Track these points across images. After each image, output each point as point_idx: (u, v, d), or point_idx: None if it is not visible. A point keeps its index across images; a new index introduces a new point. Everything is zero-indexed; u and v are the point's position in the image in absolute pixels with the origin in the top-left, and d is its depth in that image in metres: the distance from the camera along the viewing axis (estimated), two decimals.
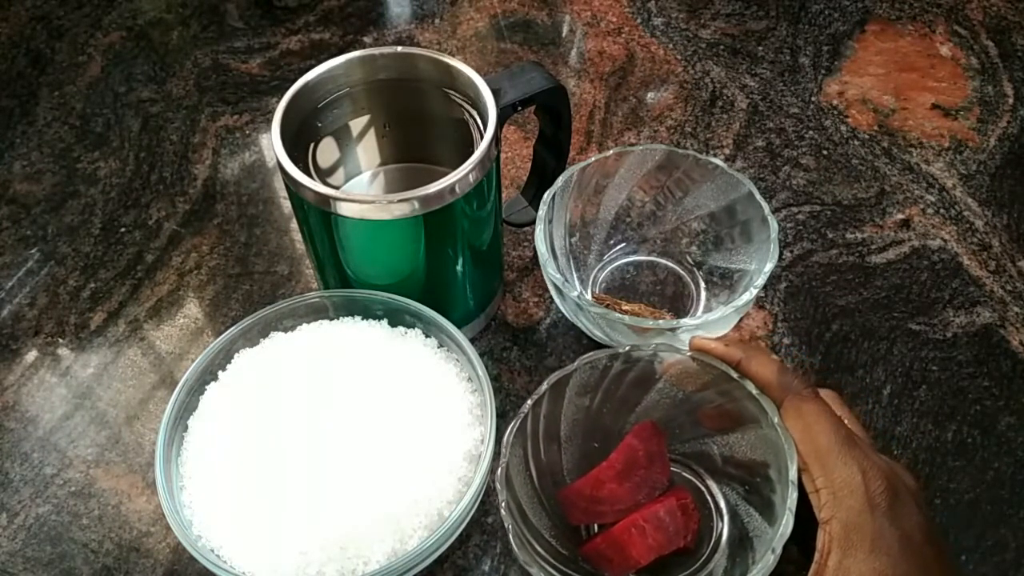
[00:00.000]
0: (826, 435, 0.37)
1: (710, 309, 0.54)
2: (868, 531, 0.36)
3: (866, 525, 0.36)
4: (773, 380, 0.40)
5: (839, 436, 0.37)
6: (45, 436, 0.52)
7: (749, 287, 0.48)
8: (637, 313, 0.51)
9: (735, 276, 0.53)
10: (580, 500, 0.43)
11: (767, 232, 0.49)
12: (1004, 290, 0.58)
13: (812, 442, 0.38)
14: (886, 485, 0.36)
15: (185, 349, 0.56)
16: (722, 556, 0.43)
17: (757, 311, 0.57)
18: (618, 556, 0.42)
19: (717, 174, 0.52)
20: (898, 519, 0.36)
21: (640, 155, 0.54)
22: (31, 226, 0.63)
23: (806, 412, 0.38)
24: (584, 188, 0.54)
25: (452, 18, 0.79)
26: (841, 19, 0.78)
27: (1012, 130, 0.68)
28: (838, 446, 0.37)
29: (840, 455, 0.37)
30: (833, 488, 0.37)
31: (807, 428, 0.38)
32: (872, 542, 0.35)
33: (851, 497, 0.36)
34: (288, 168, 0.44)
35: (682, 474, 0.47)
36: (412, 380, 0.46)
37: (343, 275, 0.50)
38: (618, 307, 0.52)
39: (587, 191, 0.55)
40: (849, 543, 0.36)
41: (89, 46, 0.77)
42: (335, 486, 0.42)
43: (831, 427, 0.38)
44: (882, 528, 0.36)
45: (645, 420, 0.45)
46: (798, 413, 0.39)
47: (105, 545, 0.48)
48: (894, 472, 0.38)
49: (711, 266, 0.56)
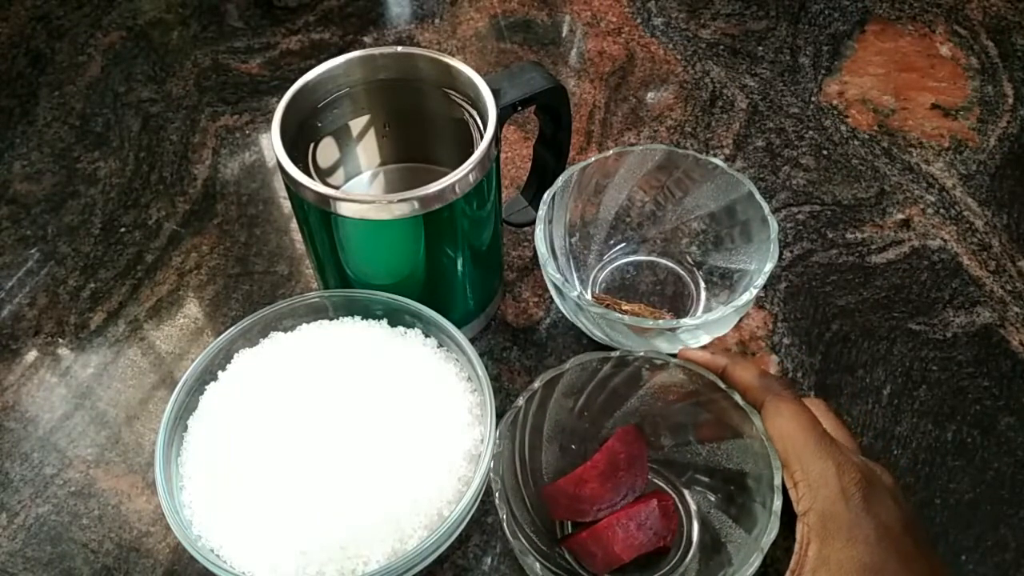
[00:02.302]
0: (802, 432, 0.39)
1: (710, 309, 0.54)
2: (844, 521, 0.37)
3: (842, 515, 0.37)
4: (755, 383, 0.42)
5: (815, 433, 0.39)
6: (45, 436, 0.52)
7: (749, 287, 0.48)
8: (637, 313, 0.51)
9: (735, 276, 0.53)
10: (563, 497, 0.44)
11: (767, 232, 0.49)
12: (1004, 290, 0.58)
13: (790, 439, 0.40)
14: (860, 477, 0.38)
15: (185, 349, 0.56)
16: (693, 559, 0.44)
17: (757, 311, 0.57)
18: (602, 552, 0.43)
19: (717, 174, 0.53)
20: (873, 510, 0.37)
21: (640, 155, 0.54)
22: (31, 226, 0.63)
23: (784, 411, 0.40)
24: (584, 188, 0.54)
25: (452, 18, 0.79)
26: (841, 19, 0.78)
27: (1012, 130, 0.68)
28: (813, 442, 0.39)
29: (815, 451, 0.39)
30: (809, 481, 0.38)
31: (784, 426, 0.40)
32: (848, 531, 0.37)
33: (826, 488, 0.38)
34: (288, 168, 0.44)
35: (654, 480, 0.48)
36: (412, 380, 0.46)
37: (343, 275, 0.50)
38: (618, 307, 0.52)
39: (587, 191, 0.55)
40: (827, 532, 0.37)
41: (89, 46, 0.77)
42: (335, 486, 0.42)
43: (807, 425, 0.40)
44: (858, 518, 0.37)
45: (629, 425, 0.47)
46: (777, 412, 0.40)
47: (105, 545, 0.48)
48: (869, 468, 0.39)
49: (711, 266, 0.56)
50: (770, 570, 0.46)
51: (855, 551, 0.37)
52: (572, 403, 0.47)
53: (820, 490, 0.38)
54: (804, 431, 0.39)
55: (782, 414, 0.40)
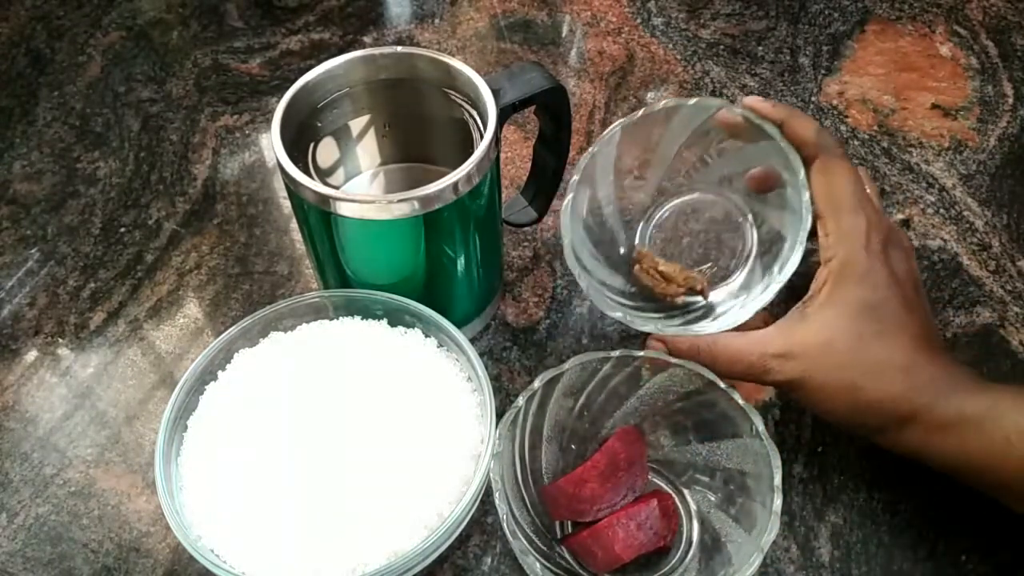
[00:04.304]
0: (844, 189, 0.43)
1: (753, 273, 0.51)
2: (860, 267, 0.42)
3: (860, 262, 0.42)
4: (812, 139, 0.43)
5: (856, 192, 0.43)
6: (45, 436, 0.52)
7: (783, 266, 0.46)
8: (671, 277, 0.50)
9: (774, 247, 0.49)
10: (563, 497, 0.44)
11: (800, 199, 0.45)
12: (1004, 290, 0.58)
13: (831, 195, 0.43)
14: (885, 235, 0.43)
15: (185, 349, 0.56)
16: (693, 559, 0.44)
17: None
18: (603, 551, 0.43)
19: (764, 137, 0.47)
20: (889, 262, 0.43)
21: (693, 109, 0.48)
22: (31, 226, 0.63)
23: (833, 169, 0.43)
24: (636, 138, 0.50)
25: (452, 18, 0.79)
26: (841, 19, 0.78)
27: (1012, 130, 0.68)
28: (853, 199, 0.43)
29: (852, 206, 0.43)
30: (840, 233, 0.43)
31: (830, 182, 0.43)
32: (861, 276, 0.42)
33: (852, 240, 0.42)
34: (288, 168, 0.44)
35: (654, 480, 0.48)
36: (412, 380, 0.47)
37: (343, 275, 0.50)
38: (654, 268, 0.51)
39: (639, 142, 0.51)
40: (842, 276, 0.43)
41: (89, 46, 0.77)
42: (334, 486, 0.42)
43: (851, 183, 0.43)
44: (873, 266, 0.42)
45: (629, 425, 0.47)
46: (826, 169, 0.43)
47: (105, 545, 0.48)
48: (894, 228, 0.45)
49: (762, 217, 0.51)
50: (770, 570, 0.46)
51: (862, 291, 0.42)
52: (572, 403, 0.47)
53: (846, 241, 0.42)
54: (845, 188, 0.43)
55: (831, 171, 0.43)
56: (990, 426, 0.40)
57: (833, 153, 0.43)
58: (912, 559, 0.46)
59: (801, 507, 0.48)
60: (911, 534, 0.47)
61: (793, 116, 0.44)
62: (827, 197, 0.43)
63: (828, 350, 0.43)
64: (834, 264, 0.43)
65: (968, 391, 0.42)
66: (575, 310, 0.57)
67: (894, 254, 0.44)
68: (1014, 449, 0.40)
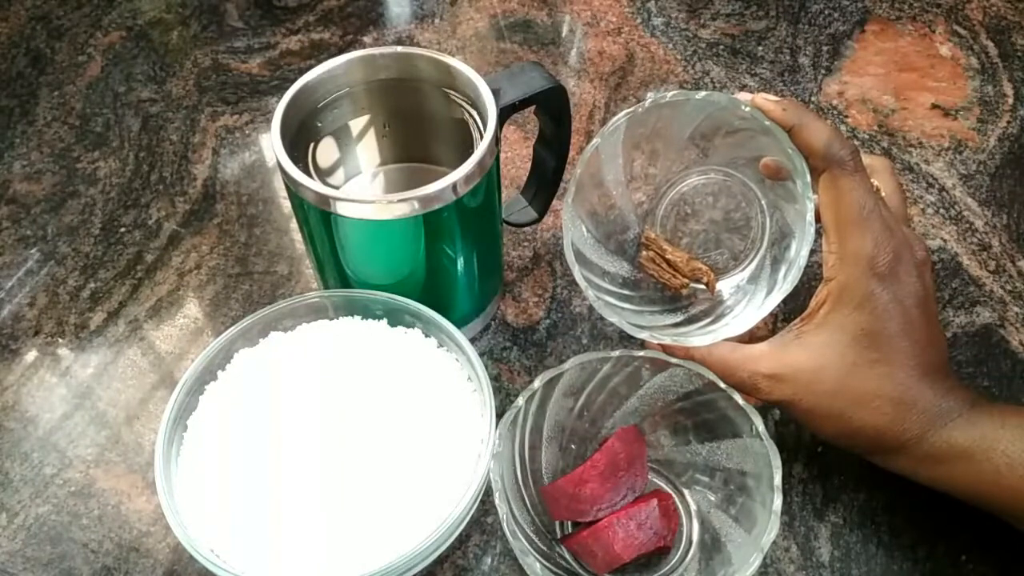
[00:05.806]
0: (851, 208, 0.41)
1: (763, 265, 0.50)
2: (861, 292, 0.41)
3: (861, 287, 0.41)
4: (820, 150, 0.41)
5: (864, 209, 0.41)
6: (45, 436, 0.52)
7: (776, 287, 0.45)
8: (677, 266, 0.50)
9: (784, 240, 0.49)
10: (563, 497, 0.44)
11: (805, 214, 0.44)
12: (1004, 290, 0.58)
13: (837, 213, 0.42)
14: (892, 256, 0.41)
15: (185, 349, 0.56)
16: (693, 559, 0.44)
17: None
18: (603, 551, 0.43)
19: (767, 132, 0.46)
20: (893, 286, 0.41)
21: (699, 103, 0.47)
22: (31, 226, 0.63)
23: (840, 185, 0.41)
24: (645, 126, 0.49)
25: (452, 18, 0.79)
26: (841, 19, 0.78)
27: (1012, 130, 0.68)
28: (860, 218, 0.41)
29: (857, 226, 0.41)
30: (843, 254, 0.42)
31: (837, 199, 0.41)
32: (861, 301, 0.41)
33: (854, 264, 0.41)
34: (288, 168, 0.44)
35: (654, 480, 0.48)
36: (412, 380, 0.46)
37: (343, 275, 0.50)
38: (661, 255, 0.51)
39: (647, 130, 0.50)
40: (841, 299, 0.42)
41: (89, 46, 0.77)
42: (334, 486, 0.42)
43: (858, 200, 0.41)
44: (874, 291, 0.41)
45: (629, 425, 0.47)
46: (833, 184, 0.41)
47: (105, 545, 0.48)
48: (907, 243, 0.42)
49: (778, 205, 0.50)
50: (770, 570, 0.46)
51: (859, 317, 0.41)
52: (572, 403, 0.47)
53: (849, 264, 0.41)
54: (852, 207, 0.41)
55: (839, 187, 0.41)
56: (980, 458, 0.40)
57: (843, 167, 0.41)
58: (912, 559, 0.46)
59: (801, 507, 0.48)
60: (911, 534, 0.47)
61: (804, 123, 0.42)
62: (833, 215, 0.42)
63: (818, 376, 0.42)
64: (834, 286, 0.42)
65: (959, 424, 0.41)
66: (575, 310, 0.57)
67: (904, 272, 0.41)
68: (1004, 479, 0.40)
